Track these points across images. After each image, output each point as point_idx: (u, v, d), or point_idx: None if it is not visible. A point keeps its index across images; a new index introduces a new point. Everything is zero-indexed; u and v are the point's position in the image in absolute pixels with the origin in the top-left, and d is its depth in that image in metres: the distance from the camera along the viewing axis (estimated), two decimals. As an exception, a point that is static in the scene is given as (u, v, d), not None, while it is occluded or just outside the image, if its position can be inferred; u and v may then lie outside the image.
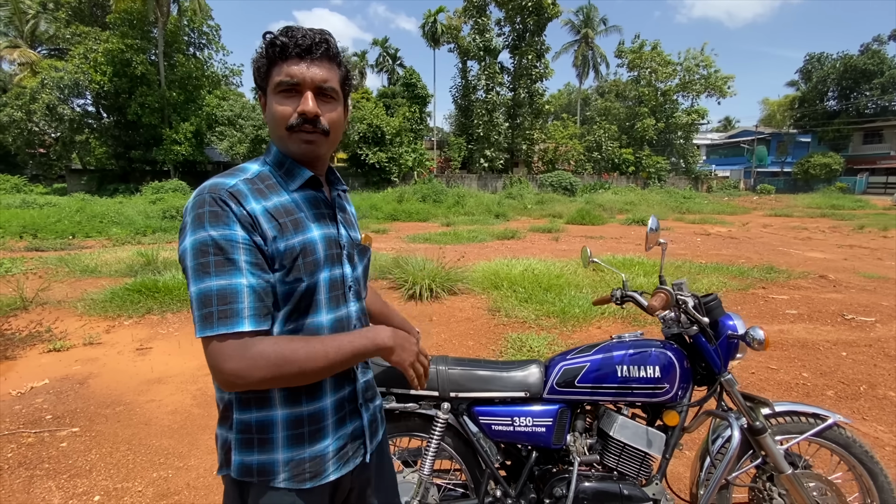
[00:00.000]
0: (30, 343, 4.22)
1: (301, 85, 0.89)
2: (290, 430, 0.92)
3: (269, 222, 0.87)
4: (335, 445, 0.97)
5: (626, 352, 1.63)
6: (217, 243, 0.81)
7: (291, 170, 0.96)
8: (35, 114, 21.25)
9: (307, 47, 0.89)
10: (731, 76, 34.48)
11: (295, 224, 0.91)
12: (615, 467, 1.61)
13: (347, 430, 1.00)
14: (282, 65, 0.89)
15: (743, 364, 3.79)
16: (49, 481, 2.33)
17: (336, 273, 0.98)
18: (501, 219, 17.14)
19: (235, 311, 0.80)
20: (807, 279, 6.84)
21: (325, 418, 0.95)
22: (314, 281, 0.92)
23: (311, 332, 0.93)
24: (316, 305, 0.93)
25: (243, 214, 0.84)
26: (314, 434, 0.94)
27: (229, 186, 0.86)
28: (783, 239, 12.10)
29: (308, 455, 0.93)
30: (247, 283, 0.82)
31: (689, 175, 36.14)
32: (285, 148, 0.95)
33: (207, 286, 0.80)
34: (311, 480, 0.93)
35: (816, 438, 1.66)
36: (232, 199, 0.84)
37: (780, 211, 20.93)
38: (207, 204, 0.83)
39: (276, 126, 0.92)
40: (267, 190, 0.92)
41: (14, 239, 10.59)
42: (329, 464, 0.96)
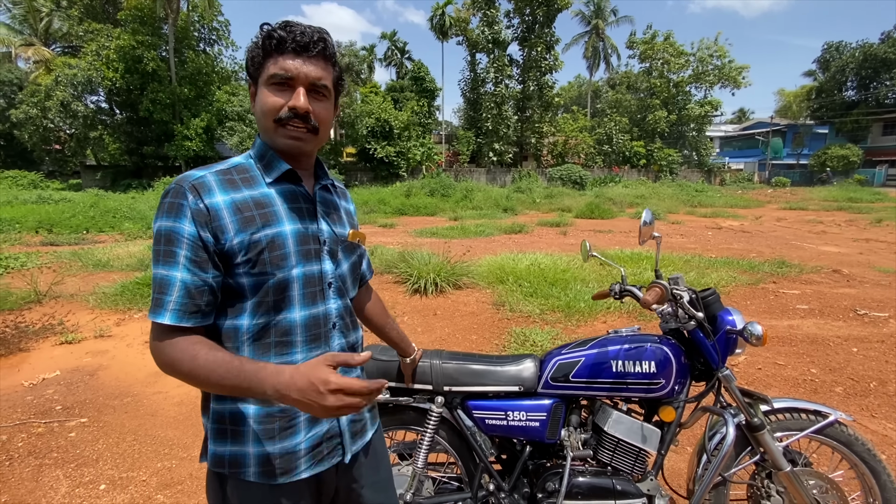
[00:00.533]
0: (43, 335, 4.31)
1: (295, 80, 0.89)
2: (262, 424, 0.92)
3: (233, 215, 0.88)
4: (307, 444, 0.96)
5: (622, 347, 1.61)
6: (167, 234, 0.85)
7: (271, 162, 0.96)
8: (50, 111, 21.58)
9: (305, 44, 0.89)
10: (746, 66, 33.82)
11: (264, 217, 0.91)
12: (609, 462, 1.60)
13: (322, 430, 0.98)
14: (277, 58, 0.90)
15: (749, 360, 3.74)
16: (57, 470, 2.38)
17: (313, 269, 0.97)
18: (509, 213, 17.06)
19: (162, 303, 0.84)
20: (819, 273, 6.71)
21: (297, 416, 0.95)
22: (285, 276, 0.92)
23: (284, 329, 0.93)
24: (288, 301, 0.93)
25: (198, 208, 0.86)
26: (285, 430, 0.93)
27: (194, 179, 0.88)
28: (797, 233, 11.88)
29: (278, 451, 0.93)
30: (180, 277, 0.84)
31: (702, 168, 35.61)
32: (270, 140, 0.95)
33: (155, 272, 0.86)
34: (282, 476, 0.93)
35: (817, 436, 1.63)
36: (192, 192, 0.86)
37: (795, 204, 20.56)
38: (170, 195, 0.87)
39: (264, 117, 0.92)
40: (241, 182, 0.92)
41: (30, 234, 10.80)
42: (301, 461, 0.95)
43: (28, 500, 2.15)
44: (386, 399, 1.64)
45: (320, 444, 0.98)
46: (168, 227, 0.85)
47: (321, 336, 0.98)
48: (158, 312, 0.84)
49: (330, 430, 1.00)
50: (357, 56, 28.25)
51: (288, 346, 0.93)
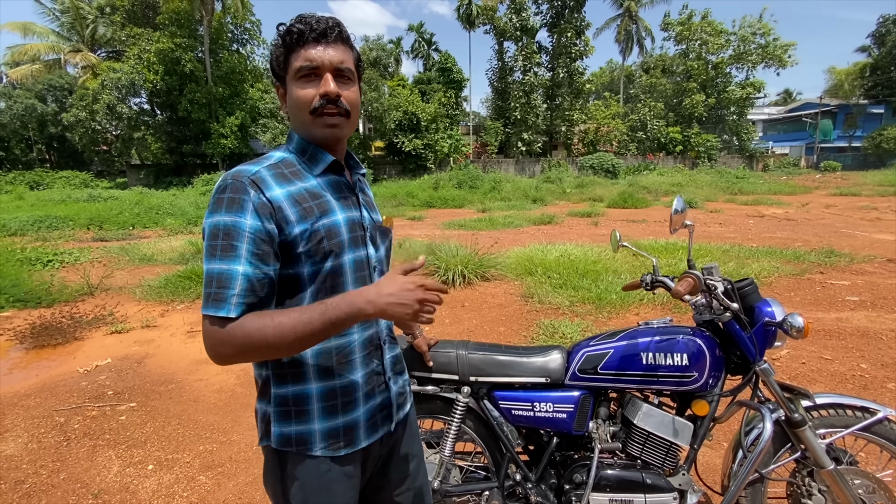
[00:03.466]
0: (95, 325, 4.59)
1: (320, 68, 0.93)
2: (325, 401, 0.98)
3: (293, 207, 0.91)
4: (366, 415, 1.03)
5: (653, 338, 1.58)
6: (227, 229, 0.86)
7: (315, 155, 1.00)
8: (97, 113, 22.71)
9: (322, 31, 0.93)
10: (793, 43, 31.89)
11: (320, 207, 0.95)
12: (639, 456, 1.58)
13: (377, 402, 1.05)
14: (300, 51, 0.93)
15: (793, 354, 3.58)
16: (109, 450, 2.55)
17: (361, 254, 1.01)
18: (539, 204, 16.83)
19: (224, 297, 0.84)
20: (872, 263, 6.32)
21: (357, 391, 1.01)
22: (339, 262, 0.96)
23: None
24: (343, 286, 0.97)
25: (261, 202, 0.88)
26: (346, 405, 1.00)
27: (252, 174, 0.90)
28: (848, 220, 11.20)
29: (342, 424, 0.99)
30: (242, 271, 0.85)
31: (743, 153, 33.97)
32: (309, 133, 0.98)
33: (212, 267, 0.86)
34: (345, 448, 1.00)
35: (864, 433, 1.55)
36: (252, 187, 0.88)
37: (847, 190, 19.35)
38: (229, 190, 0.88)
39: (300, 111, 0.95)
40: (291, 176, 0.96)
41: (83, 230, 11.47)
42: (361, 432, 1.02)
43: (84, 477, 2.31)
44: (413, 388, 1.67)
45: (375, 414, 1.05)
46: (228, 222, 0.86)
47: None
48: (221, 307, 0.83)
49: (383, 401, 1.07)
50: (384, 50, 28.34)
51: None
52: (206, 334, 0.86)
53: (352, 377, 1.00)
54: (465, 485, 1.72)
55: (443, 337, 1.67)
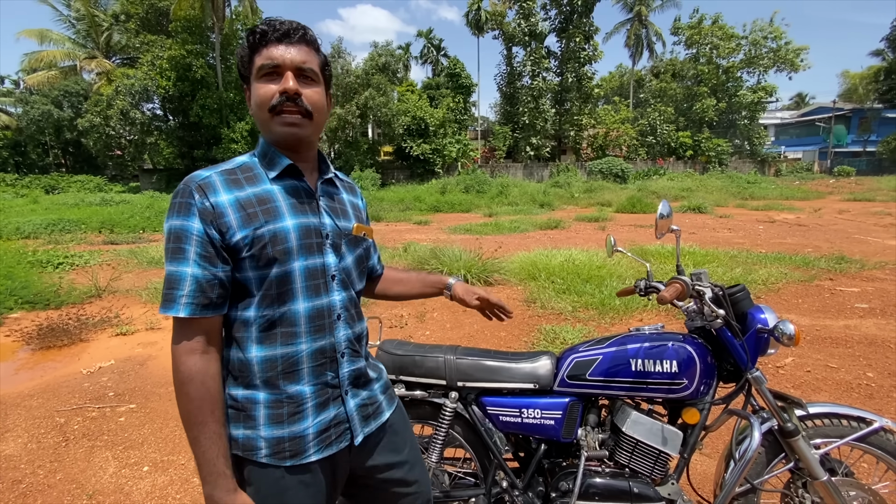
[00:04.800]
0: (101, 327, 4.65)
1: (281, 66, 0.93)
2: (271, 408, 0.96)
3: (237, 212, 0.92)
4: (315, 429, 0.99)
5: (642, 345, 1.55)
6: (177, 232, 0.89)
7: (273, 159, 0.99)
8: (111, 119, 23.16)
9: (285, 32, 0.94)
10: (805, 47, 31.59)
11: (266, 213, 0.94)
12: (627, 464, 1.55)
13: (329, 416, 1.01)
14: (262, 50, 0.94)
15: (798, 362, 3.51)
16: (106, 451, 2.57)
17: (316, 262, 0.99)
18: (546, 208, 16.78)
19: (174, 297, 0.88)
20: (883, 270, 6.19)
21: (305, 402, 0.98)
22: (287, 269, 0.94)
23: (288, 320, 0.96)
24: (291, 294, 0.96)
25: (204, 206, 0.90)
26: (293, 416, 0.97)
27: (200, 179, 0.92)
28: (861, 226, 11.00)
29: (287, 434, 0.96)
30: (191, 272, 0.88)
31: (755, 158, 33.61)
32: (269, 132, 0.98)
33: (166, 269, 0.90)
34: (291, 459, 0.97)
35: (859, 444, 1.51)
36: (198, 192, 0.90)
37: (861, 195, 19.01)
38: (179, 195, 0.91)
39: (259, 109, 0.95)
40: (244, 181, 0.96)
41: (94, 233, 11.66)
42: (309, 445, 0.98)
43: (80, 478, 2.33)
44: (401, 393, 1.66)
45: (328, 429, 1.01)
46: (178, 226, 0.89)
47: (325, 327, 1.00)
48: (171, 306, 0.87)
49: (337, 416, 1.03)
50: (393, 55, 28.54)
51: (293, 336, 0.96)
52: (173, 335, 0.91)
53: (298, 387, 0.97)
54: (452, 491, 1.70)
55: (443, 341, 1.67)
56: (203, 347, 0.90)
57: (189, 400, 0.88)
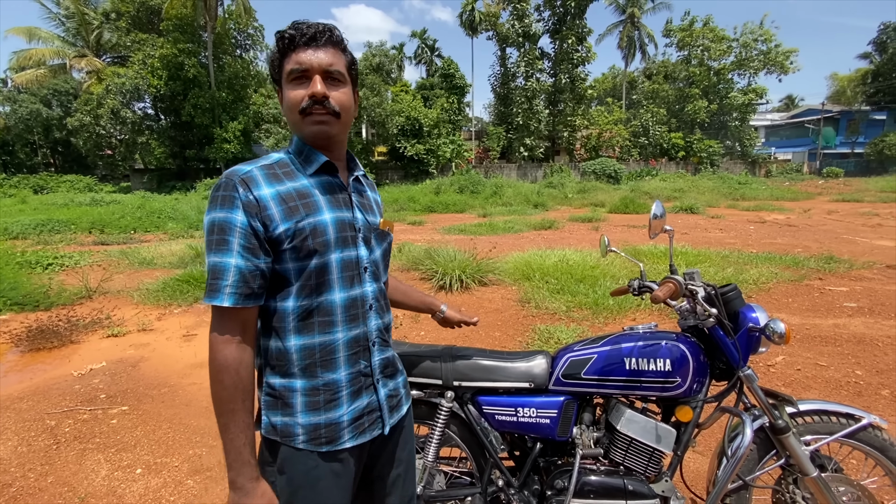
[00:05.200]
0: (91, 329, 4.60)
1: (309, 70, 0.97)
2: (308, 396, 1.00)
3: (279, 206, 0.95)
4: (349, 416, 1.03)
5: (636, 344, 1.57)
6: (220, 224, 0.92)
7: (309, 156, 1.03)
8: (102, 118, 22.93)
9: (312, 35, 0.97)
10: (794, 50, 31.98)
11: (306, 207, 0.98)
12: (622, 462, 1.57)
13: (362, 403, 1.06)
14: (291, 55, 0.98)
15: (788, 360, 3.56)
16: (99, 454, 2.55)
17: (350, 254, 1.04)
18: (540, 209, 16.84)
19: (218, 287, 0.91)
20: (871, 269, 6.28)
21: (340, 390, 1.03)
22: (325, 261, 0.99)
23: (325, 309, 1.00)
24: (328, 284, 1.00)
25: (248, 200, 0.93)
26: (329, 403, 1.01)
27: (243, 173, 0.95)
28: (849, 226, 11.16)
29: (323, 421, 1.01)
30: (234, 263, 0.91)
31: (746, 159, 33.94)
32: (301, 132, 1.02)
33: (209, 260, 0.93)
34: (327, 445, 1.01)
35: (848, 440, 1.54)
36: (242, 185, 0.93)
37: (849, 196, 19.27)
38: (222, 188, 0.94)
39: (291, 111, 1.00)
40: (283, 176, 1.00)
41: (84, 234, 11.53)
42: (344, 432, 1.03)
43: (72, 481, 2.31)
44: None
45: (361, 416, 1.06)
46: (221, 218, 0.92)
47: (359, 316, 1.05)
48: (215, 296, 0.90)
49: (370, 405, 1.08)
50: (387, 55, 28.52)
51: (330, 325, 1.01)
52: (212, 325, 0.94)
53: (334, 375, 1.01)
54: (448, 490, 1.71)
55: (437, 341, 1.67)
56: (240, 337, 0.93)
57: (223, 388, 0.91)
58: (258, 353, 1.02)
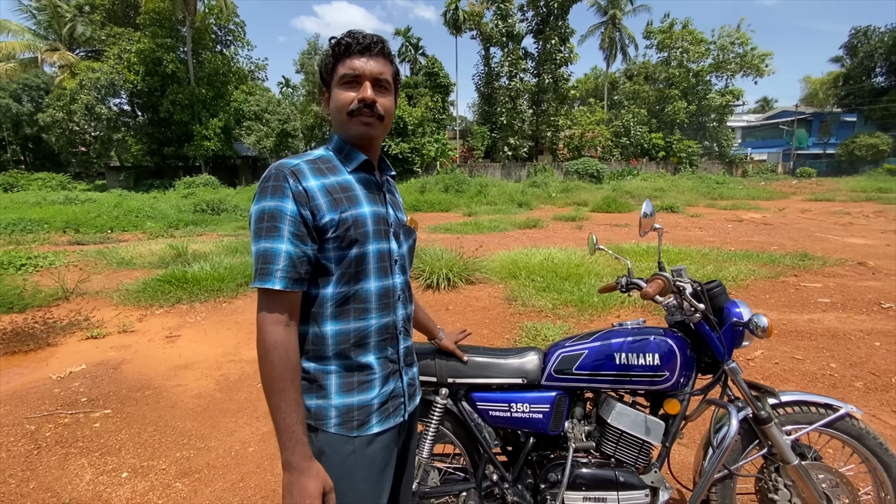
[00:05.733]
0: (70, 331, 4.48)
1: (361, 76, 1.05)
2: (342, 378, 1.06)
3: (325, 197, 1.01)
4: (379, 399, 1.09)
5: (626, 339, 1.61)
6: (271, 212, 0.97)
7: (350, 154, 1.10)
8: (75, 114, 22.23)
9: (367, 45, 1.05)
10: (770, 53, 32.86)
11: (349, 199, 1.05)
12: (612, 454, 1.61)
13: (389, 389, 1.12)
14: (345, 60, 1.06)
15: (766, 354, 3.67)
16: (82, 458, 2.49)
17: (384, 247, 1.10)
18: (524, 208, 16.96)
19: (270, 271, 0.95)
20: (843, 266, 6.52)
21: (373, 372, 1.08)
22: (364, 251, 1.05)
23: (361, 297, 1.06)
24: (365, 273, 1.06)
25: (299, 190, 0.99)
26: (363, 384, 1.07)
27: (292, 166, 1.02)
28: (822, 224, 11.53)
29: (357, 403, 1.06)
30: (285, 249, 0.96)
31: (723, 159, 34.78)
32: (346, 132, 1.09)
33: (258, 246, 0.97)
34: (358, 429, 1.05)
35: (827, 429, 1.61)
36: (292, 176, 0.99)
37: (821, 195, 19.91)
38: (272, 179, 0.99)
39: (339, 112, 1.07)
40: (327, 170, 1.06)
41: (58, 233, 11.19)
42: (373, 416, 1.08)
43: (55, 486, 2.26)
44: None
45: (387, 401, 1.11)
46: (273, 207, 0.97)
47: (390, 305, 1.12)
48: (267, 279, 0.95)
49: (395, 390, 1.14)
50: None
51: (364, 312, 1.07)
52: (259, 307, 0.97)
53: (366, 359, 1.07)
54: (443, 486, 1.73)
55: (425, 339, 1.68)
56: (287, 320, 0.97)
57: (272, 367, 0.94)
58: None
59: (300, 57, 25.92)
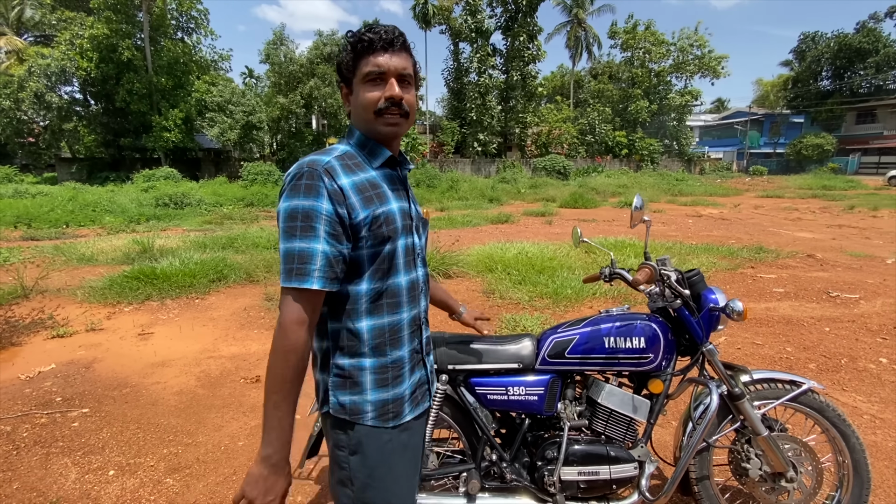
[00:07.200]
0: (33, 330, 4.28)
1: (386, 73, 1.03)
2: (377, 374, 1.07)
3: (357, 195, 1.01)
4: (410, 389, 1.13)
5: (613, 324, 1.72)
6: (305, 212, 0.96)
7: (374, 150, 1.10)
8: (23, 102, 20.87)
9: (390, 41, 1.03)
10: (725, 56, 34.38)
11: (379, 197, 1.05)
12: (603, 432, 1.72)
13: (416, 377, 1.16)
14: (368, 57, 1.03)
15: (729, 340, 3.93)
16: (64, 458, 2.42)
17: (409, 241, 1.12)
18: (495, 203, 17.18)
19: (307, 271, 0.95)
20: (795, 258, 6.99)
21: (404, 365, 1.11)
22: (394, 247, 1.06)
23: (393, 291, 1.07)
24: (395, 268, 1.08)
25: (334, 189, 0.98)
26: (396, 379, 1.09)
27: (325, 163, 1.00)
28: (774, 220, 12.26)
29: (391, 397, 1.08)
30: (321, 249, 0.96)
31: (682, 157, 36.23)
32: (372, 130, 1.08)
33: (292, 246, 0.95)
34: (393, 420, 1.08)
35: (792, 403, 1.78)
36: (326, 175, 0.98)
37: (772, 192, 21.13)
38: (305, 177, 0.97)
39: (365, 110, 1.05)
40: (354, 167, 1.05)
41: (9, 229, 10.52)
42: (405, 405, 1.11)
43: (40, 486, 2.19)
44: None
45: (416, 390, 1.15)
46: (308, 206, 0.95)
47: (417, 297, 1.14)
48: (305, 280, 0.94)
49: (421, 378, 1.18)
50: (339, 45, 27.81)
51: (397, 305, 1.08)
52: (287, 309, 0.95)
53: (400, 353, 1.09)
54: (442, 468, 1.80)
55: None
56: (309, 321, 0.97)
57: (288, 367, 0.94)
58: (325, 336, 1.07)
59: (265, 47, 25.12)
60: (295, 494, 2.14)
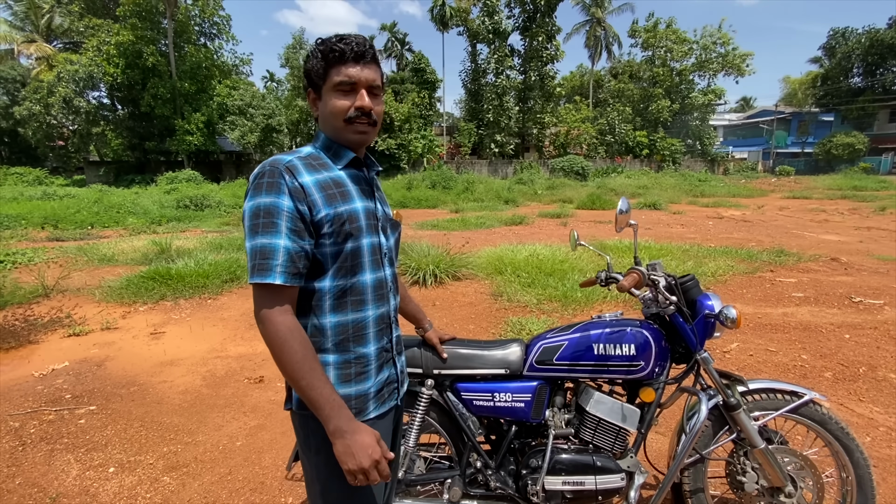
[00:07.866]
0: (51, 328, 4.42)
1: (357, 84, 1.07)
2: (340, 369, 1.09)
3: (319, 192, 1.03)
4: (375, 388, 1.14)
5: (603, 331, 1.68)
6: (267, 209, 0.98)
7: (338, 152, 1.13)
8: (53, 107, 21.70)
9: (361, 53, 1.06)
10: (750, 53, 33.44)
11: (343, 195, 1.08)
12: (591, 441, 1.68)
13: (384, 376, 1.18)
14: (340, 67, 1.06)
15: (741, 346, 3.80)
16: (68, 454, 2.49)
17: (375, 240, 1.13)
18: (511, 205, 17.08)
19: (269, 267, 0.97)
20: (817, 262, 6.74)
21: (370, 363, 1.13)
22: (359, 244, 1.08)
23: (358, 289, 1.09)
24: (360, 266, 1.10)
25: (295, 186, 1.00)
26: (359, 375, 1.11)
27: (286, 162, 1.03)
28: (799, 221, 11.86)
29: (354, 393, 1.10)
30: (283, 245, 0.98)
31: (705, 157, 35.37)
32: (340, 136, 1.11)
33: (255, 242, 0.98)
34: (357, 416, 1.08)
35: (792, 415, 1.70)
36: (287, 173, 1.01)
37: (799, 193, 20.46)
38: (267, 175, 1.00)
39: (334, 118, 1.08)
40: (318, 166, 1.08)
41: (36, 229, 10.94)
42: (370, 403, 1.13)
43: (41, 482, 2.25)
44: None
45: (383, 388, 1.17)
46: (269, 203, 0.98)
47: (384, 296, 1.16)
48: (267, 275, 0.96)
49: (390, 377, 1.20)
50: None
51: (362, 303, 1.11)
52: (257, 302, 0.99)
53: (364, 350, 1.11)
54: (428, 473, 1.78)
55: (413, 333, 1.73)
56: (291, 311, 1.00)
57: (294, 352, 0.97)
58: None
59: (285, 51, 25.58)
60: (286, 496, 2.15)
